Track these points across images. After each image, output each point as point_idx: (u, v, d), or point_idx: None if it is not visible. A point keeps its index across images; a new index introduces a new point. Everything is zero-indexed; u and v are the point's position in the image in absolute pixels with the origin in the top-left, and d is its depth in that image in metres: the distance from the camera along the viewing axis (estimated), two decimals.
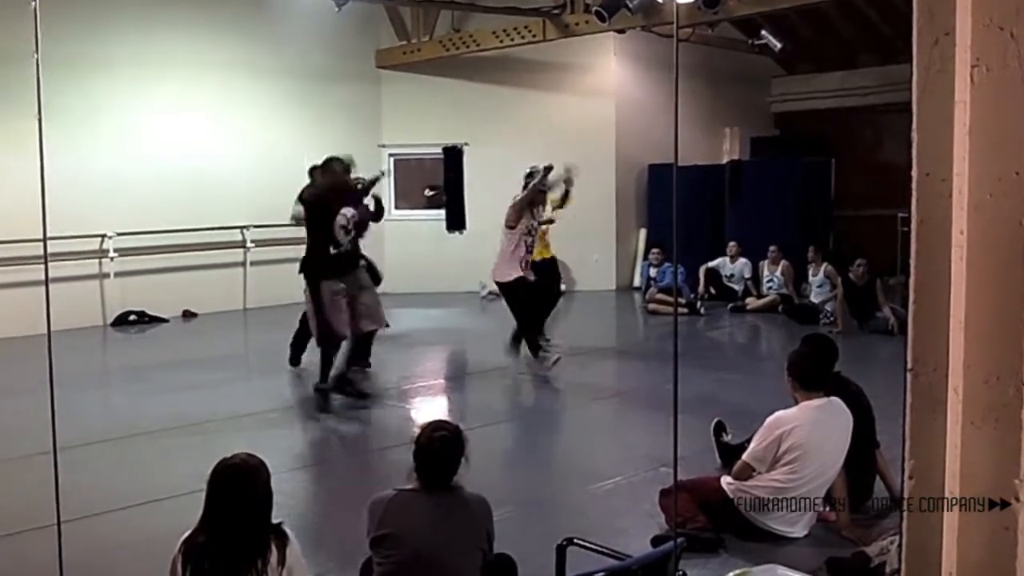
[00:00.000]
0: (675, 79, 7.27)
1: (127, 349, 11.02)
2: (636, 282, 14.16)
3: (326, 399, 7.62)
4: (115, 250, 11.57)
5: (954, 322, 2.28)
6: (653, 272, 12.67)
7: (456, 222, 12.72)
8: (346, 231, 7.64)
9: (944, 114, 2.26)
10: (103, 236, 11.49)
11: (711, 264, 13.16)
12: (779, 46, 13.78)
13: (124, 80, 11.61)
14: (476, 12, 13.00)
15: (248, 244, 12.79)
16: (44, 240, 3.79)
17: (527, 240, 8.70)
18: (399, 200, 14.69)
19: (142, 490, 5.60)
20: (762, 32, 13.58)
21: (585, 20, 11.70)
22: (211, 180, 12.34)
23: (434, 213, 14.03)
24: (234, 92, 12.70)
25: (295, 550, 3.16)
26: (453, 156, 13.04)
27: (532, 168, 8.82)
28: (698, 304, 12.25)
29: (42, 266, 4.72)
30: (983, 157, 2.25)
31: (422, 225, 14.27)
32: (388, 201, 14.32)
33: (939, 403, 2.30)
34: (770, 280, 12.59)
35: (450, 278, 13.83)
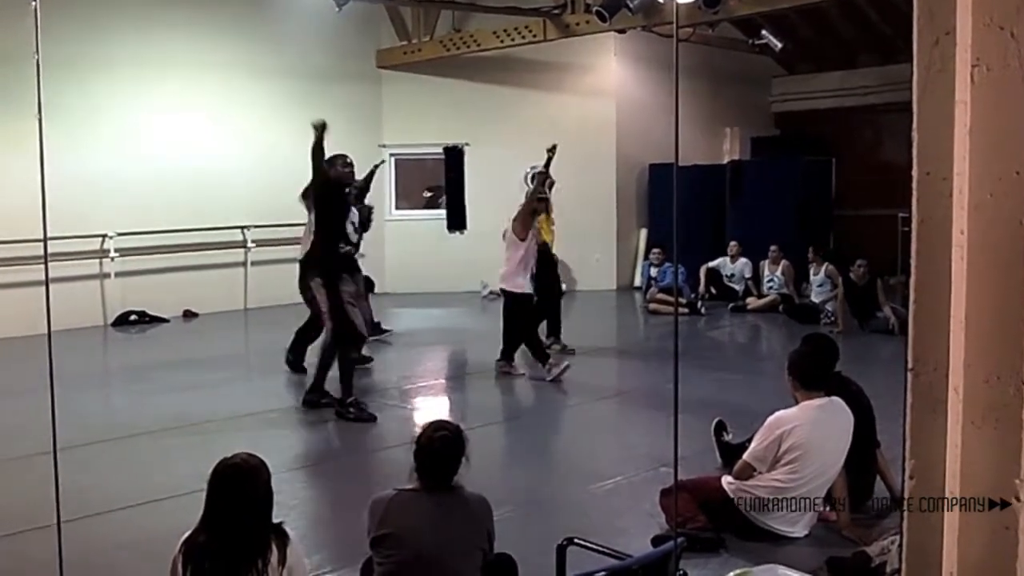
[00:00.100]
0: (675, 79, 7.28)
1: (127, 349, 11.02)
2: (637, 282, 14.16)
3: (319, 403, 7.42)
4: (116, 250, 11.57)
5: (954, 322, 2.28)
6: (654, 272, 12.66)
7: (456, 222, 12.70)
8: (354, 227, 7.62)
9: (944, 114, 2.26)
10: (103, 236, 11.49)
11: (712, 264, 13.17)
12: (779, 46, 13.78)
13: (124, 80, 11.61)
14: (477, 12, 13.00)
15: (249, 244, 12.80)
16: (44, 240, 3.80)
17: (531, 248, 8.69)
18: (399, 200, 14.69)
19: (142, 490, 5.60)
20: (762, 32, 13.58)
21: (586, 20, 11.70)
22: (211, 180, 12.34)
23: (434, 213, 14.04)
24: (234, 92, 12.70)
25: (295, 550, 3.16)
26: (454, 156, 13.02)
27: (533, 168, 8.82)
28: (699, 304, 12.25)
29: (42, 266, 4.73)
30: (983, 157, 2.25)
31: (422, 225, 14.26)
32: (389, 201, 14.37)
33: (939, 403, 2.30)
34: (771, 280, 12.58)
35: (450, 278, 13.83)
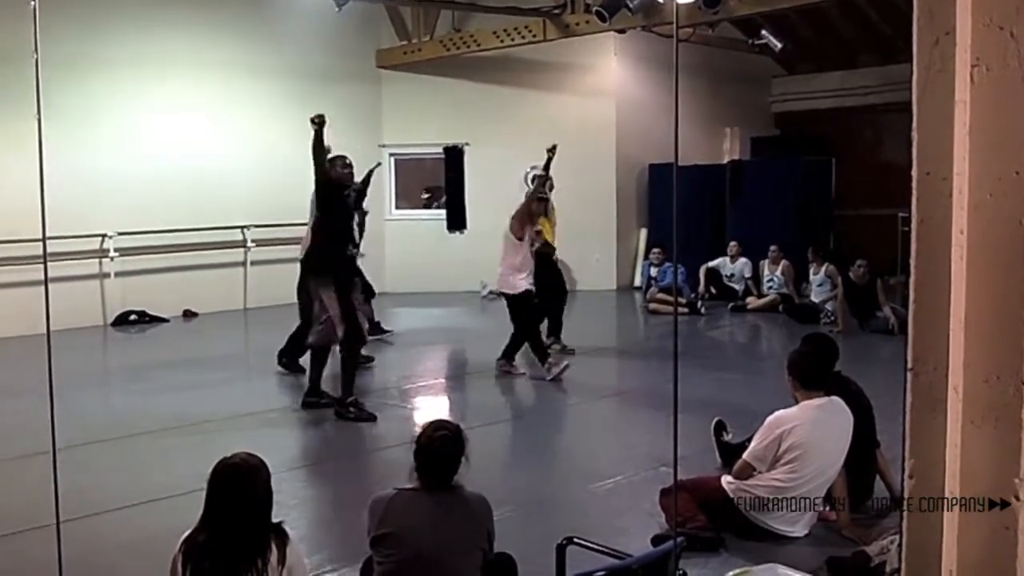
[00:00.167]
0: (675, 79, 7.27)
1: (127, 349, 11.02)
2: (637, 282, 14.16)
3: (319, 404, 7.43)
4: (115, 250, 11.57)
5: (954, 321, 2.28)
6: (654, 272, 12.66)
7: (456, 222, 12.71)
8: (359, 229, 7.61)
9: (944, 114, 2.26)
10: (103, 236, 11.49)
11: (711, 264, 13.17)
12: (779, 46, 13.78)
13: (124, 80, 11.61)
14: (476, 12, 13.00)
15: (248, 244, 12.80)
16: (44, 240, 3.80)
17: (530, 247, 8.69)
18: (399, 200, 14.70)
19: (142, 490, 5.60)
20: (762, 32, 13.58)
21: (585, 20, 11.70)
22: (211, 180, 12.34)
23: (434, 213, 14.05)
24: (234, 92, 12.70)
25: (295, 549, 3.16)
26: (454, 156, 13.03)
27: (533, 168, 8.82)
28: (699, 304, 12.25)
29: (42, 266, 4.73)
30: (983, 157, 2.25)
31: (422, 225, 14.27)
32: (389, 201, 14.38)
33: (939, 402, 2.30)
34: (770, 280, 12.59)
35: (450, 278, 13.83)
